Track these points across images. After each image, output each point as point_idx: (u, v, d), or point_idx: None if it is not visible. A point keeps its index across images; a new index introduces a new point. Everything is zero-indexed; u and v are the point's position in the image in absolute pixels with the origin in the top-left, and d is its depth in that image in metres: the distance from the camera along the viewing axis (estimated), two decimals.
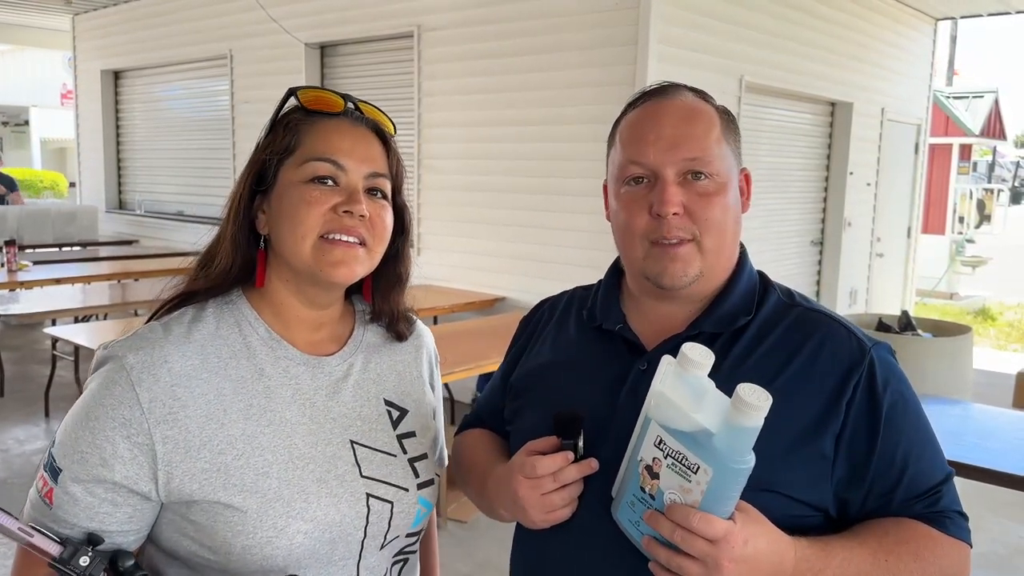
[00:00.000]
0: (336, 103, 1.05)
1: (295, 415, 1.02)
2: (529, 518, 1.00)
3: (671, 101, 1.05)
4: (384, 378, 1.13)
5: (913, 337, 4.03)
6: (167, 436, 0.94)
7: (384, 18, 5.90)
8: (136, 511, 0.95)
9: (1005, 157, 27.39)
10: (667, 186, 1.01)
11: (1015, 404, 5.46)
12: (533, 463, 0.98)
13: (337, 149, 1.02)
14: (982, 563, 3.57)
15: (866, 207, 7.34)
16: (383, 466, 1.06)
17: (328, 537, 0.98)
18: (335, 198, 1.01)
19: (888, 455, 0.97)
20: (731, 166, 1.05)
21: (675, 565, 0.86)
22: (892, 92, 7.44)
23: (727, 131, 1.06)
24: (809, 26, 6.19)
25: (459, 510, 3.80)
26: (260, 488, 0.96)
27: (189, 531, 0.96)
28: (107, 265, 6.76)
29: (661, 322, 1.08)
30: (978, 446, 2.72)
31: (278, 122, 1.06)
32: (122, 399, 0.94)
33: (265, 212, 1.04)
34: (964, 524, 0.99)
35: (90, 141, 9.14)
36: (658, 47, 4.69)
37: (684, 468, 0.86)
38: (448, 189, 5.71)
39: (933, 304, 10.15)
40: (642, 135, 1.04)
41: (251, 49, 7.01)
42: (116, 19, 8.57)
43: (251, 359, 1.02)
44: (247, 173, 1.05)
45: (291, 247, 1.01)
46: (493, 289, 5.50)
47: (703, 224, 1.01)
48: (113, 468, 0.93)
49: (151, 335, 0.99)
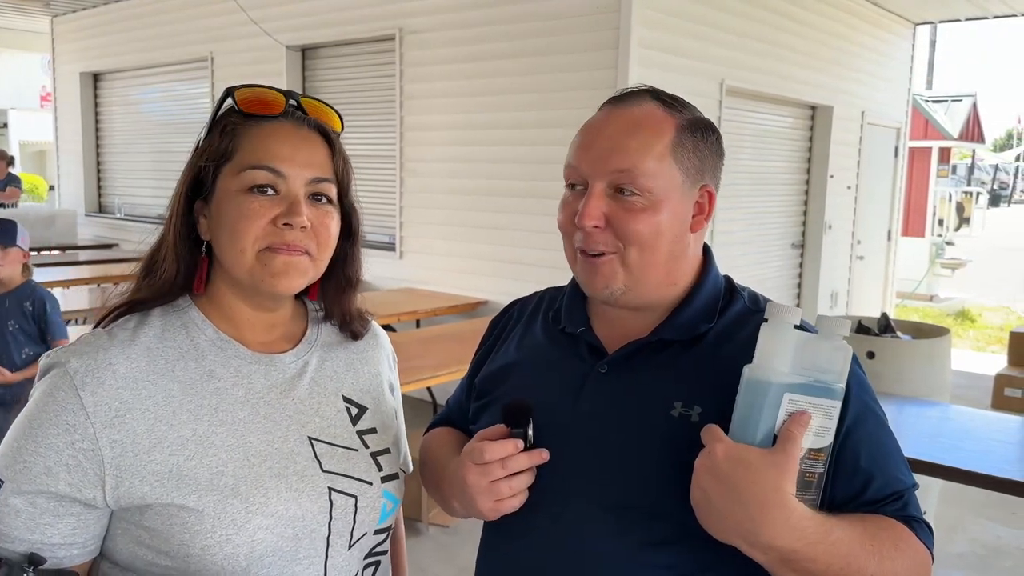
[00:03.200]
0: (275, 104, 1.01)
1: (248, 414, 1.00)
2: (477, 507, 1.00)
3: (622, 110, 1.03)
4: (341, 375, 1.12)
5: (892, 339, 4.05)
6: (114, 440, 0.92)
7: (366, 21, 5.88)
8: (80, 521, 0.93)
9: (983, 160, 27.69)
10: (590, 198, 0.99)
11: (993, 405, 5.52)
12: (481, 448, 0.98)
13: (275, 155, 0.98)
14: (961, 563, 3.60)
15: (846, 210, 7.40)
16: (344, 460, 1.04)
17: (291, 533, 0.96)
18: (275, 209, 0.97)
19: (849, 466, 0.96)
20: (673, 183, 1.00)
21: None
22: (872, 96, 7.50)
23: (681, 146, 1.01)
24: (790, 30, 6.23)
25: (440, 515, 3.79)
26: (216, 486, 0.94)
27: (144, 539, 0.94)
28: (86, 269, 6.69)
29: (623, 327, 1.07)
30: (957, 447, 2.74)
31: (215, 124, 1.02)
32: (65, 404, 0.92)
33: (206, 217, 1.02)
34: (930, 534, 0.99)
35: (69, 144, 9.06)
36: (639, 51, 4.70)
37: None
38: (430, 192, 5.70)
39: (913, 306, 10.23)
40: (582, 142, 1.03)
41: (232, 52, 6.98)
42: (95, 21, 8.51)
43: (199, 360, 1.00)
44: (184, 179, 1.02)
45: (232, 259, 0.99)
46: (476, 292, 5.49)
47: (626, 239, 0.99)
48: (57, 476, 0.91)
49: (95, 340, 0.97)
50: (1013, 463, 2.75)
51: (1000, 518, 4.01)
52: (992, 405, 5.56)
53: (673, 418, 0.98)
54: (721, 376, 0.97)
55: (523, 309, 1.24)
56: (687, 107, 1.06)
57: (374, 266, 5.97)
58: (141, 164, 8.36)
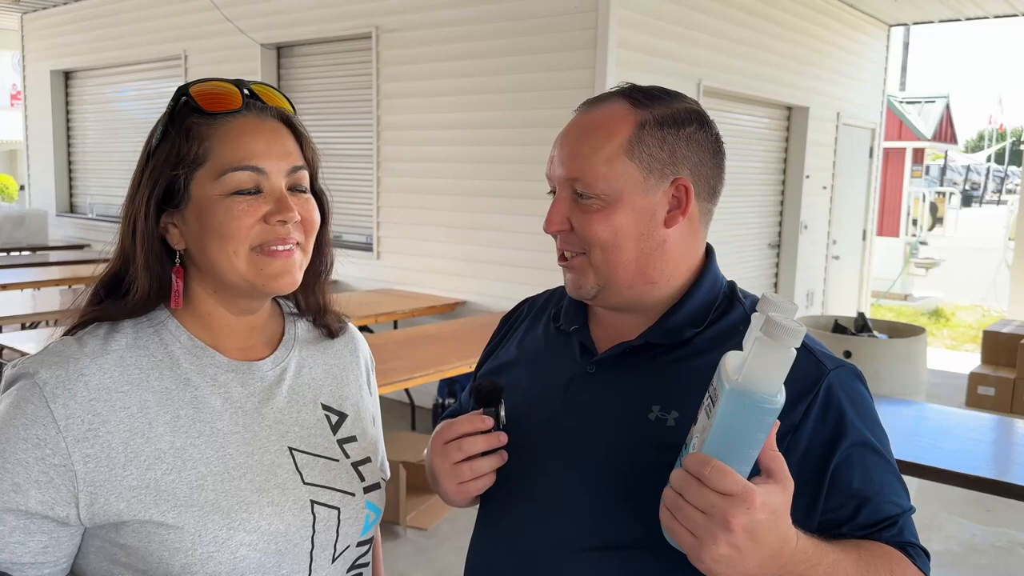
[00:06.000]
0: (233, 98, 0.97)
1: (227, 424, 0.97)
2: (443, 489, 1.03)
3: (584, 116, 1.04)
4: (320, 382, 1.09)
5: (869, 338, 4.08)
6: (88, 454, 0.88)
7: (341, 19, 5.84)
8: (52, 539, 0.89)
9: (956, 161, 28.05)
10: (554, 204, 1.03)
11: (968, 403, 5.58)
12: (447, 425, 1.02)
13: (253, 153, 0.95)
14: (937, 561, 3.62)
15: (822, 210, 7.45)
16: (326, 471, 1.02)
17: (274, 548, 0.94)
18: (263, 207, 0.95)
19: (843, 488, 0.94)
20: (630, 182, 0.99)
21: (680, 512, 0.81)
22: (847, 97, 7.56)
23: (639, 143, 0.99)
24: (766, 31, 6.26)
25: (418, 518, 3.76)
26: (196, 502, 0.91)
27: (120, 557, 0.91)
28: (57, 270, 6.58)
29: (616, 329, 1.07)
30: (933, 446, 2.76)
31: (172, 127, 0.96)
32: (35, 418, 0.88)
33: (178, 227, 0.97)
34: (927, 559, 0.98)
35: (40, 143, 8.92)
36: (616, 51, 4.70)
37: (710, 402, 0.79)
38: (408, 192, 5.67)
39: (888, 305, 10.33)
40: (554, 149, 1.05)
41: (206, 50, 6.89)
42: (66, 18, 8.38)
43: (174, 369, 0.96)
44: (148, 190, 0.95)
45: (224, 264, 0.95)
46: (454, 293, 5.46)
47: (587, 242, 1.00)
48: (27, 493, 0.87)
49: (65, 350, 0.93)
50: (988, 461, 2.78)
51: (975, 516, 4.05)
52: (966, 403, 5.62)
53: (650, 421, 0.98)
54: (703, 384, 0.94)
55: (532, 306, 1.25)
56: (665, 101, 1.02)
57: (351, 267, 5.94)
58: (113, 163, 8.24)
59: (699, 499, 0.79)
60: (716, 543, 0.78)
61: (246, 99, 0.99)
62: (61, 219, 8.74)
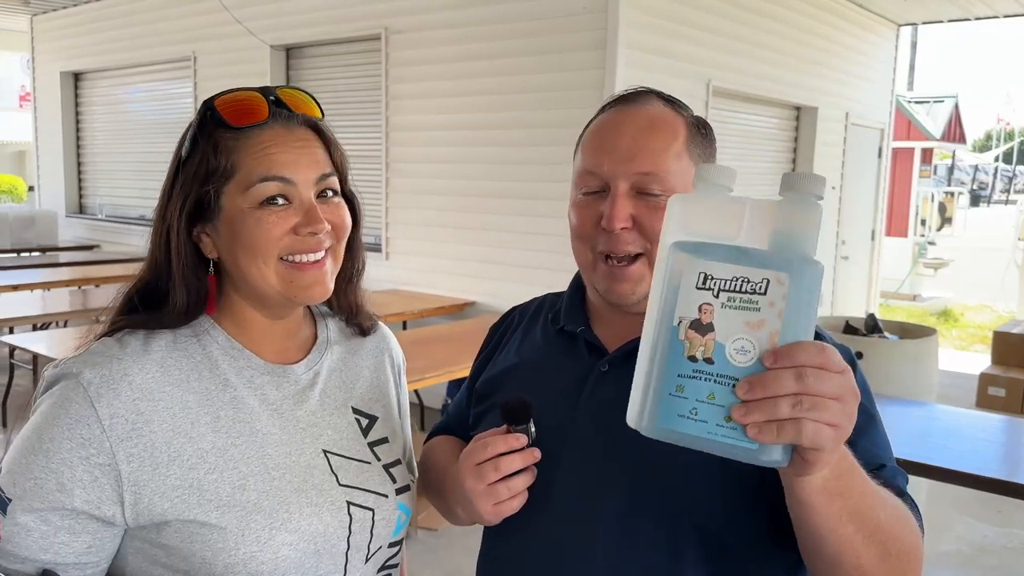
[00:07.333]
0: (260, 109, 0.97)
1: (265, 425, 0.98)
2: (477, 511, 0.99)
3: (636, 110, 1.03)
4: (351, 385, 1.11)
5: (880, 339, 4.07)
6: (132, 454, 0.89)
7: (351, 20, 5.85)
8: (96, 539, 0.90)
9: (963, 161, 27.94)
10: (616, 199, 0.99)
11: (978, 404, 5.56)
12: (484, 444, 0.98)
13: (281, 164, 0.95)
14: (947, 562, 3.61)
15: (831, 210, 7.43)
16: (360, 474, 1.03)
17: (313, 548, 0.95)
18: (292, 218, 0.95)
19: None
20: (687, 181, 0.99)
21: (815, 411, 0.68)
22: (856, 97, 7.54)
23: (693, 144, 1.02)
24: (775, 32, 6.25)
25: (429, 519, 3.76)
26: (238, 502, 0.91)
27: (160, 558, 0.91)
28: (67, 271, 6.62)
29: (623, 328, 1.07)
30: (943, 447, 2.75)
31: (200, 141, 0.96)
32: (79, 417, 0.88)
33: (210, 236, 0.98)
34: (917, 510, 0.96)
35: (49, 144, 8.95)
36: (626, 52, 4.70)
37: (748, 295, 0.69)
38: (416, 192, 5.67)
39: (897, 306, 10.30)
40: (600, 144, 1.02)
41: (215, 51, 6.91)
42: (76, 20, 8.41)
43: (213, 370, 0.98)
44: (179, 203, 0.96)
45: (255, 275, 0.96)
46: (463, 294, 5.47)
47: (653, 238, 0.97)
48: (72, 493, 0.87)
49: (106, 350, 0.94)
50: (998, 462, 2.77)
51: (986, 517, 4.04)
52: (976, 404, 5.60)
53: None
54: None
55: (523, 314, 1.24)
56: (686, 107, 1.07)
57: None
58: (123, 164, 8.28)
59: (830, 387, 0.69)
60: (851, 422, 0.71)
61: (272, 108, 0.98)
62: (71, 220, 8.78)
